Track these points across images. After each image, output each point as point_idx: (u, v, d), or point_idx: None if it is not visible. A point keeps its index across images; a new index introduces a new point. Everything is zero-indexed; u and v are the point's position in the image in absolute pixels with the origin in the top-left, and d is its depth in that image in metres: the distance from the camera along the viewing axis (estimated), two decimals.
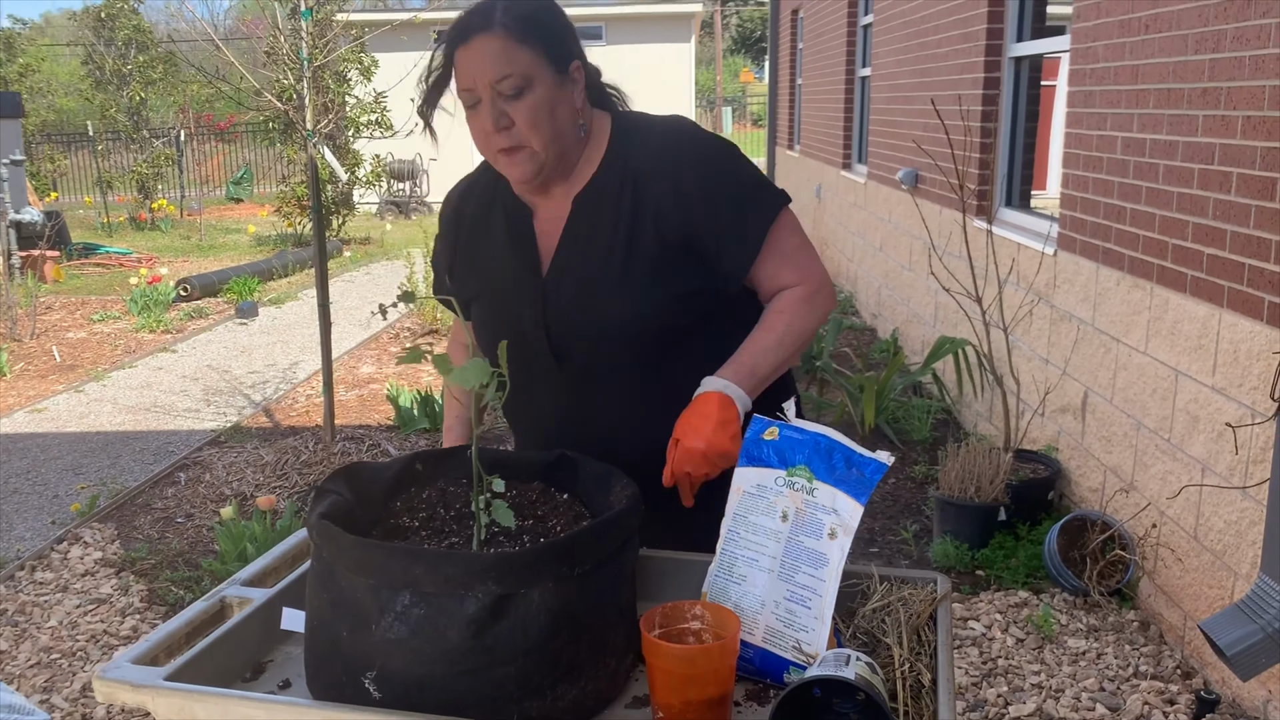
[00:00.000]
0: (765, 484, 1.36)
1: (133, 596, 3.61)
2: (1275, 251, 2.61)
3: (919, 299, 6.06)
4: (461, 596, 1.13)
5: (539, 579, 1.16)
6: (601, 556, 1.22)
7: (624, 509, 1.27)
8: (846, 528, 1.30)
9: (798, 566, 1.31)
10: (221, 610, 1.45)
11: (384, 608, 1.15)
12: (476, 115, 1.53)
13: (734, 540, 1.37)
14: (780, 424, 1.39)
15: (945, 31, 5.55)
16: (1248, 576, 2.74)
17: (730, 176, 1.60)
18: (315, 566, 1.26)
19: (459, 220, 1.75)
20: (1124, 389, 3.49)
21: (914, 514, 4.19)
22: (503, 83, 1.49)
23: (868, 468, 1.31)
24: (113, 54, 14.77)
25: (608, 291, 1.57)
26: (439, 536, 1.31)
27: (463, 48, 1.51)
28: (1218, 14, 2.89)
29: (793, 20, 12.14)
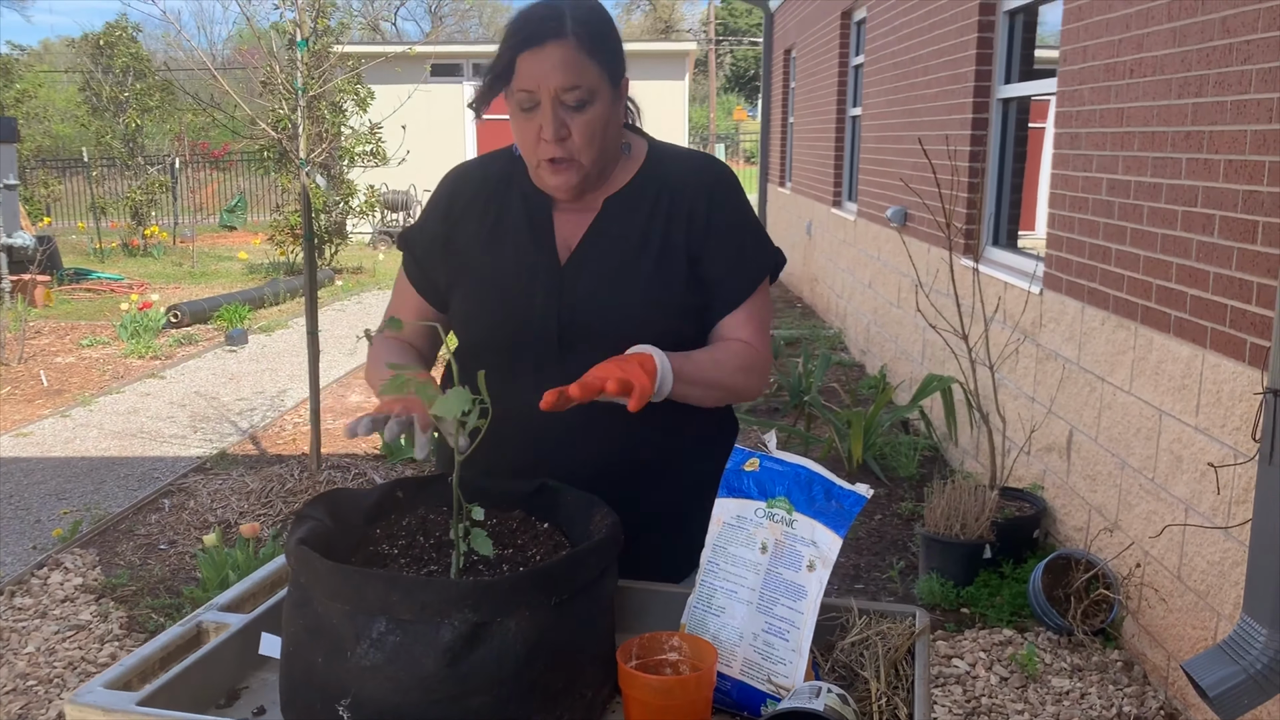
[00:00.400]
0: (745, 515, 1.36)
1: (112, 623, 3.58)
2: (1257, 293, 2.64)
3: (907, 336, 6.09)
4: (437, 624, 1.13)
5: (516, 607, 1.15)
6: (579, 586, 1.22)
7: (603, 539, 1.27)
8: (825, 560, 1.30)
9: (776, 599, 1.31)
10: (198, 635, 1.44)
11: (359, 634, 1.15)
12: (530, 119, 1.52)
13: (713, 571, 1.36)
14: (761, 455, 1.39)
15: (935, 73, 5.62)
16: (1230, 617, 2.74)
17: (748, 219, 1.66)
18: (292, 592, 1.25)
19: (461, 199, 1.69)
20: (1108, 428, 3.50)
21: (900, 550, 4.18)
22: (569, 93, 1.49)
23: (847, 500, 1.32)
24: (110, 81, 14.83)
25: (628, 287, 1.58)
26: (418, 564, 1.31)
27: (533, 51, 1.48)
28: (1200, 60, 2.94)
29: (785, 60, 12.27)
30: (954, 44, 5.26)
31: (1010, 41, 4.90)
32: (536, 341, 1.58)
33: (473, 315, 1.64)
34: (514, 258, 1.62)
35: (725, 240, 1.62)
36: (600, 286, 1.58)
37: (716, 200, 1.62)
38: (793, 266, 11.09)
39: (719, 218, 1.62)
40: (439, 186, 1.75)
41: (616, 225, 1.62)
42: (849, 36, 8.59)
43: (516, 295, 1.60)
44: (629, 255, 1.59)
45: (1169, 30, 3.12)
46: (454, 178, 1.73)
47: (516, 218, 1.65)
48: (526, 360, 1.59)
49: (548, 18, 1.49)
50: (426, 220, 1.73)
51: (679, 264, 1.60)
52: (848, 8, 8.37)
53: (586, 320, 1.58)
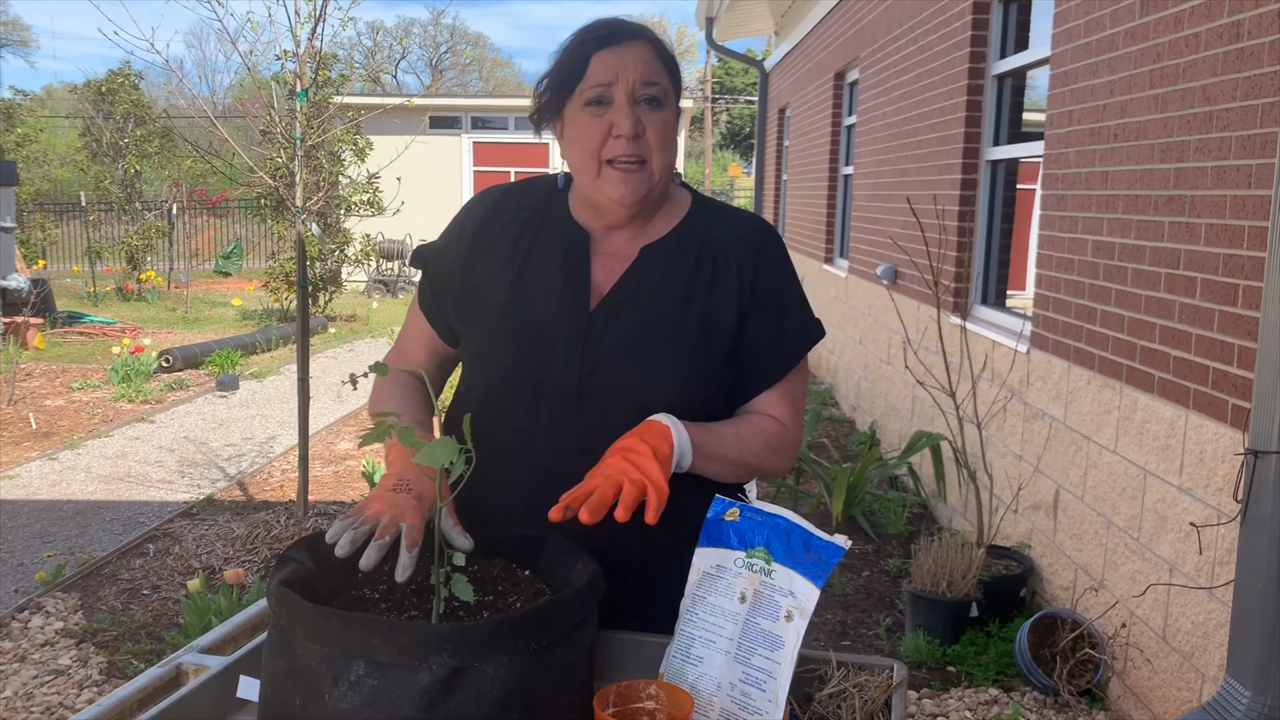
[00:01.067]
0: (724, 565, 1.37)
1: (92, 669, 3.54)
2: (1238, 355, 2.67)
3: (897, 392, 6.12)
4: (415, 668, 1.13)
5: (493, 653, 1.15)
6: (558, 633, 1.22)
7: (583, 587, 1.28)
8: (803, 610, 1.30)
9: (754, 649, 1.31)
10: (177, 677, 1.44)
11: (338, 677, 1.15)
12: (598, 117, 1.45)
13: (692, 621, 1.36)
14: (741, 505, 1.39)
15: (925, 134, 5.71)
16: (1215, 678, 2.74)
17: (794, 287, 1.59)
18: (272, 634, 1.25)
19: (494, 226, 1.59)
20: (1094, 487, 3.52)
21: (887, 607, 4.17)
22: (649, 88, 1.45)
23: (825, 551, 1.32)
24: (111, 127, 14.97)
25: (661, 345, 1.49)
26: (399, 609, 1.31)
27: (609, 49, 1.44)
28: (1181, 126, 3.00)
29: (779, 118, 12.44)
30: (944, 106, 5.36)
31: (999, 105, 4.99)
32: (555, 389, 1.50)
33: (488, 353, 1.55)
34: (541, 296, 1.53)
35: (769, 309, 1.54)
36: (631, 339, 1.50)
37: (763, 265, 1.55)
38: None
39: (765, 284, 1.54)
40: (470, 208, 1.63)
41: (654, 277, 1.53)
42: (842, 97, 8.73)
43: (539, 336, 1.51)
44: (666, 311, 1.51)
45: (1151, 97, 3.18)
46: (489, 203, 1.62)
47: (550, 252, 1.55)
48: (541, 408, 1.51)
49: (622, 22, 1.48)
50: (448, 242, 1.62)
51: (720, 330, 1.52)
52: (841, 69, 8.51)
53: (611, 373, 1.49)
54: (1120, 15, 3.42)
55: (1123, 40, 3.39)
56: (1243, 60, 2.70)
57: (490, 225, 1.59)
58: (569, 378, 1.49)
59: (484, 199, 1.63)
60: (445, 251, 1.62)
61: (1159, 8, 3.16)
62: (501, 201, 1.61)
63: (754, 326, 1.54)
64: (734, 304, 1.53)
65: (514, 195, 1.62)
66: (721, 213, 1.61)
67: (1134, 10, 3.32)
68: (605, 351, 1.49)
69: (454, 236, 1.62)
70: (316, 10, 4.20)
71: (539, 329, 1.51)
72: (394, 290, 16.35)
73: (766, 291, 1.55)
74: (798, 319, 1.58)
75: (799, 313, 1.59)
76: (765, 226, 1.61)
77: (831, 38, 8.83)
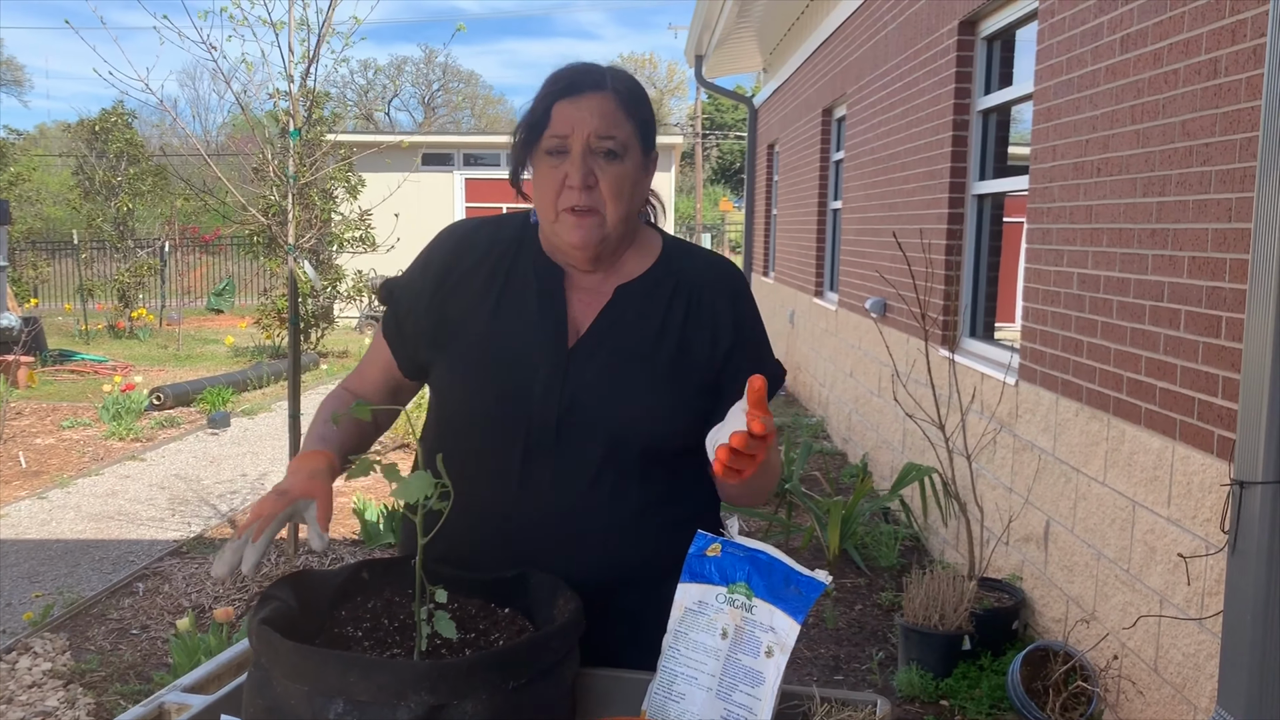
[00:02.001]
0: (706, 600, 1.37)
1: (79, 710, 3.51)
2: (1223, 386, 2.70)
3: (888, 425, 6.13)
4: (394, 705, 1.13)
5: (473, 690, 1.15)
6: (539, 670, 1.22)
7: (564, 623, 1.28)
8: (783, 646, 1.30)
9: (735, 685, 1.31)
10: (159, 717, 1.43)
11: (317, 715, 1.14)
12: (556, 166, 1.48)
13: (674, 657, 1.36)
14: (723, 540, 1.40)
15: (912, 169, 5.76)
16: (1207, 710, 2.73)
17: (764, 333, 1.66)
18: (253, 673, 1.25)
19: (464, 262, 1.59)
20: (1084, 519, 3.53)
21: (880, 641, 4.16)
22: (604, 141, 1.47)
23: (806, 586, 1.33)
24: (104, 166, 15.02)
25: (639, 381, 1.52)
26: (381, 647, 1.31)
27: (570, 100, 1.47)
28: (1163, 160, 3.04)
29: (769, 154, 12.54)
30: (930, 141, 5.42)
31: (984, 140, 5.05)
32: (533, 425, 1.51)
33: (467, 385, 1.54)
34: (519, 332, 1.54)
35: (747, 354, 1.59)
36: (607, 378, 1.52)
37: (740, 311, 1.60)
38: (776, 355, 11.17)
39: (745, 332, 1.60)
40: (439, 242, 1.64)
41: (631, 315, 1.56)
42: (830, 133, 8.81)
43: (519, 371, 1.52)
44: (644, 348, 1.54)
45: (1133, 132, 3.23)
46: (459, 238, 1.63)
47: (526, 288, 1.57)
48: (515, 446, 1.51)
49: (588, 71, 1.51)
50: (418, 273, 1.62)
51: (694, 366, 1.55)
52: (829, 105, 8.60)
53: (590, 410, 1.50)
54: (1101, 52, 3.47)
55: (1104, 76, 3.45)
56: (1220, 96, 2.74)
57: (462, 259, 1.59)
58: (548, 413, 1.50)
59: (453, 232, 1.64)
60: (412, 284, 1.62)
61: (1138, 45, 3.21)
62: (473, 235, 1.62)
63: (735, 370, 1.56)
64: (708, 342, 1.56)
65: (486, 229, 1.63)
66: (691, 254, 1.65)
67: (1114, 47, 3.37)
68: (584, 388, 1.51)
69: (421, 269, 1.62)
70: (310, 51, 4.24)
71: (518, 365, 1.52)
72: None
73: (747, 339, 1.60)
74: (770, 361, 1.65)
75: (769, 355, 1.66)
76: (736, 270, 1.67)
77: (819, 74, 8.93)
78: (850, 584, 4.76)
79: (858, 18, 7.31)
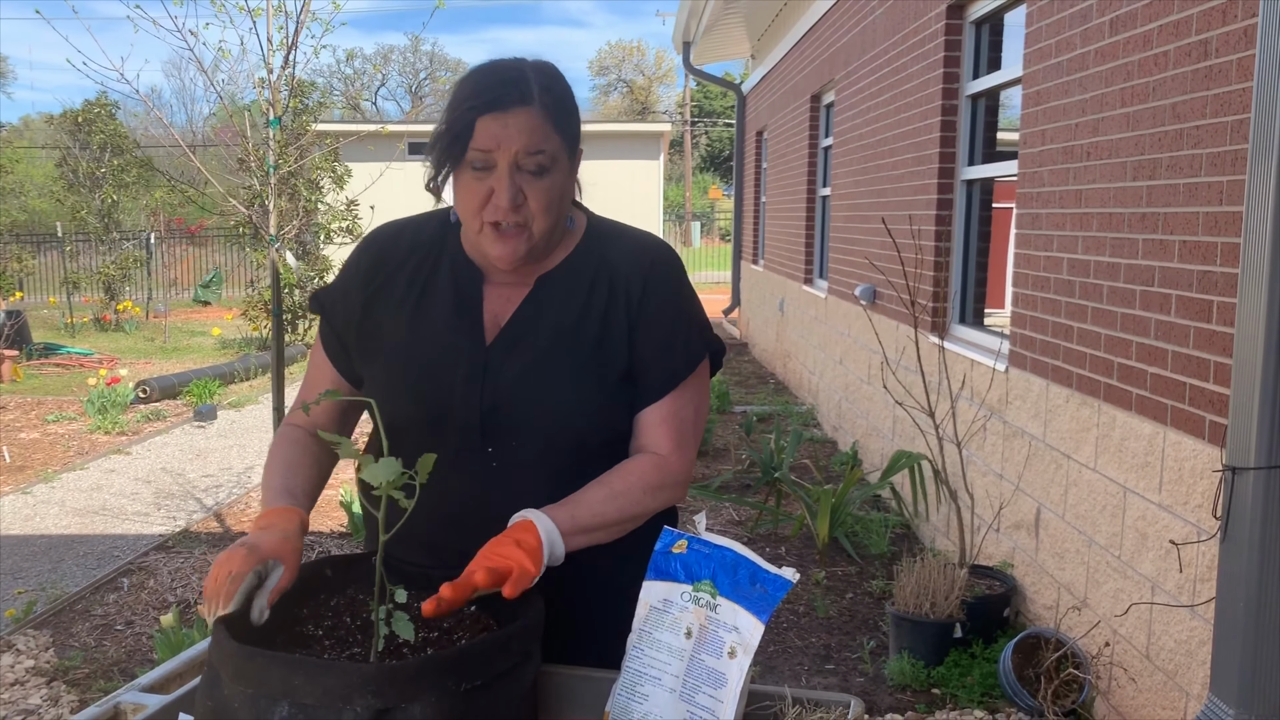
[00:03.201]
0: (671, 599, 1.33)
1: (63, 708, 3.47)
2: (1214, 371, 2.67)
3: (878, 412, 6.11)
4: (340, 709, 1.10)
5: (421, 693, 1.12)
6: (494, 672, 1.18)
7: (524, 625, 1.24)
8: (746, 646, 1.26)
9: (699, 686, 1.28)
10: (115, 717, 1.40)
11: (261, 718, 1.12)
12: (480, 180, 1.42)
13: (638, 657, 1.33)
14: (689, 537, 1.36)
15: (901, 155, 5.73)
16: (1199, 696, 2.72)
17: (684, 304, 1.57)
18: (205, 672, 1.23)
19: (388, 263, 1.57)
20: (1075, 505, 3.51)
21: (871, 629, 4.14)
22: (531, 158, 1.41)
23: (772, 585, 1.29)
24: (88, 157, 14.90)
25: (559, 374, 1.49)
26: (342, 645, 1.28)
27: (494, 115, 1.40)
28: (1153, 143, 3.01)
29: (758, 141, 12.50)
30: (919, 127, 5.38)
31: (973, 125, 5.01)
32: (458, 427, 1.49)
33: (389, 394, 1.51)
34: (437, 333, 1.52)
35: (655, 324, 1.53)
36: (529, 371, 1.49)
37: (652, 282, 1.54)
38: (766, 343, 11.16)
39: (652, 302, 1.53)
40: (364, 246, 1.61)
41: (550, 306, 1.53)
42: (818, 119, 8.78)
43: (437, 374, 1.50)
44: (563, 339, 1.50)
45: (1123, 115, 3.20)
46: (383, 240, 1.60)
47: (443, 289, 1.55)
48: (448, 446, 1.47)
49: (513, 82, 1.42)
50: (346, 282, 1.59)
51: (617, 353, 1.51)
52: (817, 91, 8.56)
53: (512, 407, 1.48)
54: (1090, 35, 3.44)
55: (1093, 59, 3.41)
56: (1211, 78, 2.71)
57: (384, 264, 1.57)
58: (470, 413, 1.48)
59: (375, 239, 1.61)
60: (343, 293, 1.59)
61: (1127, 27, 3.18)
62: (394, 241, 1.59)
63: (641, 343, 1.52)
64: (624, 324, 1.52)
65: (407, 233, 1.60)
66: (617, 235, 1.60)
67: (1103, 30, 3.34)
68: (505, 385, 1.49)
69: (350, 276, 1.59)
70: (288, 38, 4.18)
71: (437, 367, 1.50)
72: None
73: (654, 308, 1.53)
74: (687, 337, 1.55)
75: (688, 328, 1.56)
76: (659, 245, 1.60)
77: (807, 61, 8.89)
78: (841, 572, 4.74)
79: (845, 3, 7.27)
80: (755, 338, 11.92)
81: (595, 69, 54.80)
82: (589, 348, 1.50)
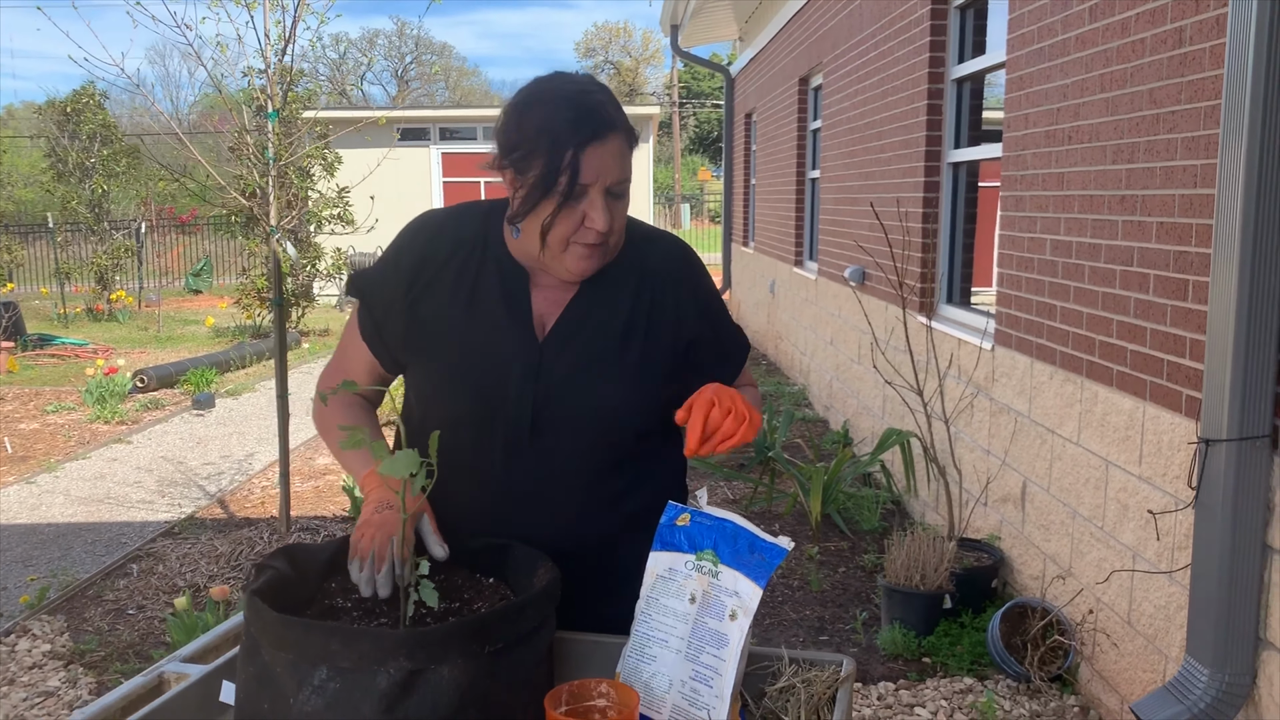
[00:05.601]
0: (676, 568, 1.43)
1: (81, 689, 3.58)
2: (1190, 348, 2.78)
3: (868, 391, 6.22)
4: (375, 672, 1.18)
5: (449, 656, 1.20)
6: (514, 636, 1.27)
7: (539, 592, 1.33)
8: (746, 609, 1.36)
9: (702, 647, 1.37)
10: (159, 685, 1.48)
11: (302, 681, 1.20)
12: (573, 207, 1.48)
13: (646, 621, 1.43)
14: (692, 510, 1.46)
15: (888, 138, 5.82)
16: (1178, 659, 2.84)
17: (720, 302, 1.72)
18: (244, 642, 1.31)
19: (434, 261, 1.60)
20: (1059, 479, 3.62)
21: (864, 602, 4.26)
22: (620, 184, 1.51)
23: (769, 553, 1.39)
24: (77, 147, 14.88)
25: (609, 373, 1.56)
26: (369, 617, 1.36)
27: (597, 146, 1.46)
28: (1131, 128, 3.11)
29: (746, 123, 12.56)
30: (906, 110, 5.47)
31: (959, 108, 5.10)
32: (508, 422, 1.55)
33: (441, 388, 1.58)
34: (488, 333, 1.57)
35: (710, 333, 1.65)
36: (580, 370, 1.56)
37: (699, 289, 1.66)
38: (757, 324, 11.25)
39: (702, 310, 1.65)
40: (406, 241, 1.64)
41: (597, 307, 1.59)
42: (807, 102, 8.85)
43: (493, 372, 1.56)
44: (611, 339, 1.58)
45: (1103, 100, 3.30)
46: (427, 235, 1.63)
47: (491, 288, 1.59)
48: (495, 441, 1.56)
49: (599, 108, 1.47)
50: (386, 274, 1.62)
51: (664, 353, 1.60)
52: (805, 74, 8.63)
53: (563, 405, 1.55)
54: (1071, 21, 3.53)
55: (1074, 45, 3.51)
56: (1185, 65, 2.81)
57: (430, 260, 1.60)
58: (523, 411, 1.55)
59: (419, 232, 1.64)
60: (384, 283, 1.63)
61: (1106, 14, 3.27)
62: (438, 236, 1.62)
63: (702, 351, 1.65)
64: (671, 328, 1.61)
65: (450, 228, 1.63)
66: (648, 238, 1.67)
67: (1083, 17, 3.43)
68: (556, 384, 1.55)
69: (391, 269, 1.63)
70: (285, 32, 4.25)
71: (492, 367, 1.56)
72: None
73: (704, 316, 1.66)
74: (734, 332, 1.73)
75: (728, 322, 1.72)
76: (686, 248, 1.70)
77: (795, 43, 8.95)
78: (834, 548, 4.86)
79: None
80: (747, 320, 12.02)
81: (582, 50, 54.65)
82: (634, 348, 1.59)
